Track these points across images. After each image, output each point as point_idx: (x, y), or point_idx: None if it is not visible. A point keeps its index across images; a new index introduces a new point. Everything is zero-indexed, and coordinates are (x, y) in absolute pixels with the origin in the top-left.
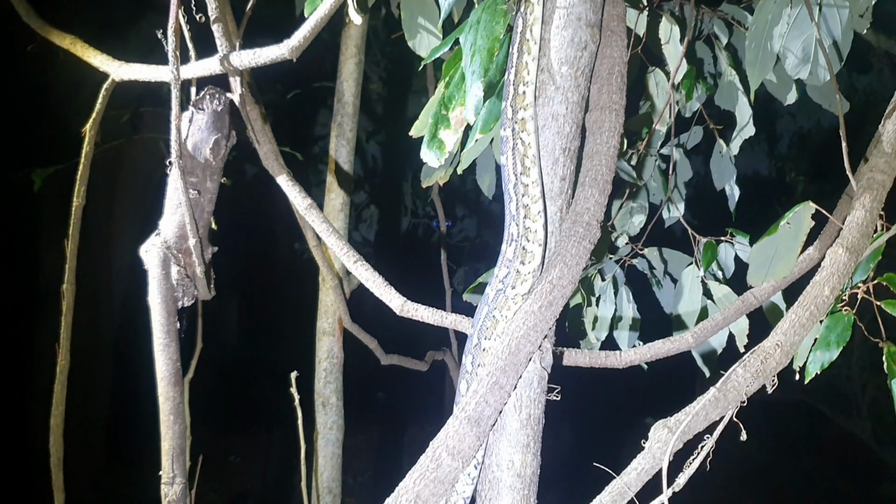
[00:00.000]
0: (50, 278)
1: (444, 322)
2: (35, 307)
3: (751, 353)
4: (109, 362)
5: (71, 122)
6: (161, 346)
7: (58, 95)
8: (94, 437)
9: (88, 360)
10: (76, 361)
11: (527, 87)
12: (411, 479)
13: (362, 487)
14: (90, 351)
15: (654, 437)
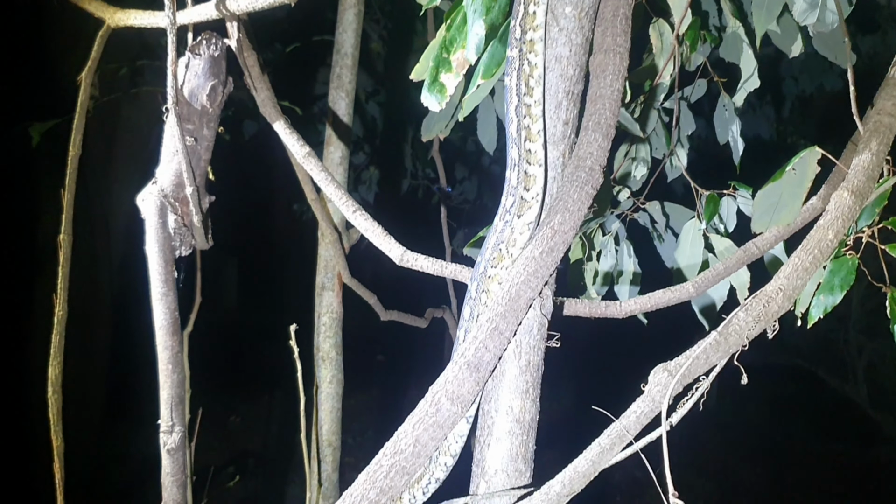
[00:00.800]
0: (48, 234)
1: (444, 272)
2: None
3: (753, 297)
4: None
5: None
6: (159, 295)
7: (55, 50)
8: (92, 391)
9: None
10: (74, 315)
11: (537, 7)
12: (410, 424)
13: (361, 447)
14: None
15: (654, 381)
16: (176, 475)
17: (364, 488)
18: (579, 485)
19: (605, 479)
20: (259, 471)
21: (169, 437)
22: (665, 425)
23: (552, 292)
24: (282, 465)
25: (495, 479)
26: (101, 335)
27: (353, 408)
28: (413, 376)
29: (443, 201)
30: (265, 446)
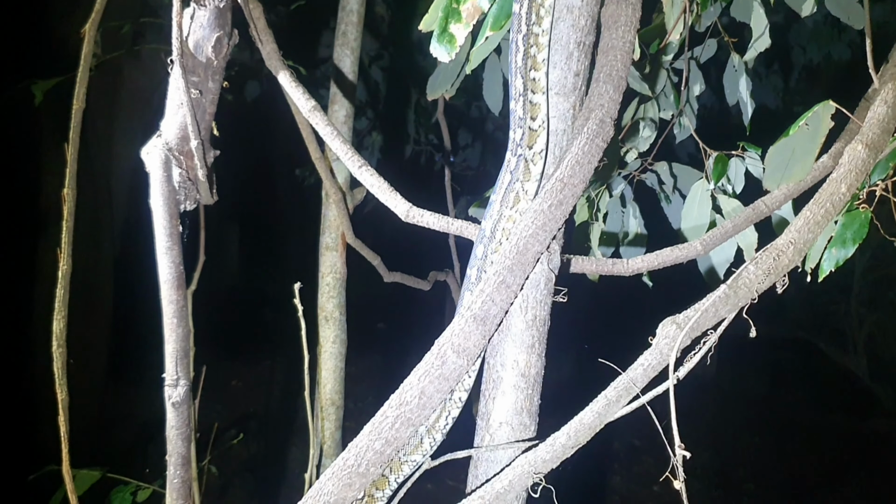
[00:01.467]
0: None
1: (450, 228)
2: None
3: (763, 251)
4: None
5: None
6: (164, 249)
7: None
8: (94, 352)
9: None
10: (76, 277)
11: None
12: (416, 376)
13: (362, 412)
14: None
15: (662, 334)
16: (181, 429)
17: (370, 439)
18: (584, 437)
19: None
20: (261, 433)
21: (174, 391)
22: (672, 378)
23: (560, 247)
24: (283, 428)
25: (500, 432)
26: (103, 297)
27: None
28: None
29: (446, 163)
30: (267, 410)
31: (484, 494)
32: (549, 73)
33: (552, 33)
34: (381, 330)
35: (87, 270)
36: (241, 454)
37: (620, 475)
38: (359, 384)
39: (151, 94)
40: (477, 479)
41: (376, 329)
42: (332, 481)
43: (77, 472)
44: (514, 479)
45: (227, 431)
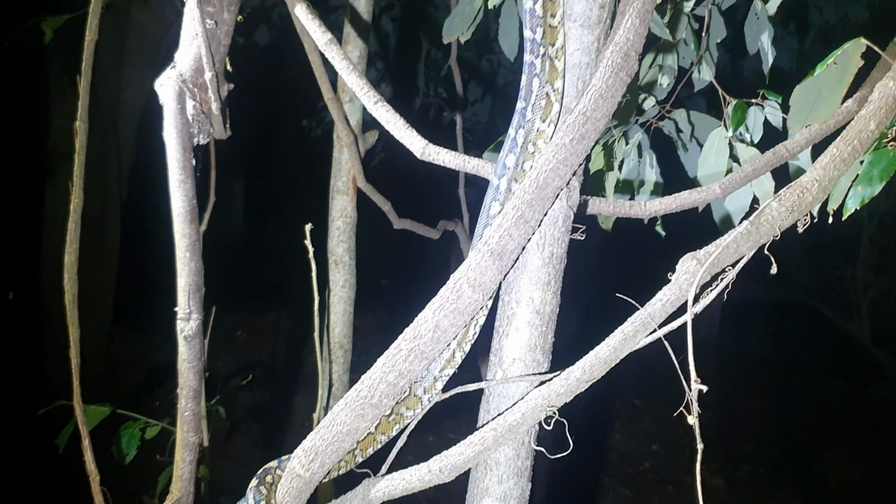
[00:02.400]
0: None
1: (467, 167)
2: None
3: (788, 188)
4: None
5: None
6: (177, 183)
7: None
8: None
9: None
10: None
11: None
12: (431, 310)
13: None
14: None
15: (682, 269)
16: (192, 362)
17: (383, 371)
18: (600, 371)
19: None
20: (266, 383)
21: (186, 325)
22: (690, 313)
23: (580, 184)
24: (289, 379)
25: (513, 368)
26: (110, 242)
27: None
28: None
29: (459, 110)
30: (272, 360)
31: (496, 427)
32: (573, 4)
33: None
34: (384, 286)
35: (94, 215)
36: (246, 402)
37: (620, 433)
38: (363, 338)
39: (160, 39)
40: (489, 413)
41: (380, 285)
42: (346, 412)
43: (87, 407)
44: (527, 412)
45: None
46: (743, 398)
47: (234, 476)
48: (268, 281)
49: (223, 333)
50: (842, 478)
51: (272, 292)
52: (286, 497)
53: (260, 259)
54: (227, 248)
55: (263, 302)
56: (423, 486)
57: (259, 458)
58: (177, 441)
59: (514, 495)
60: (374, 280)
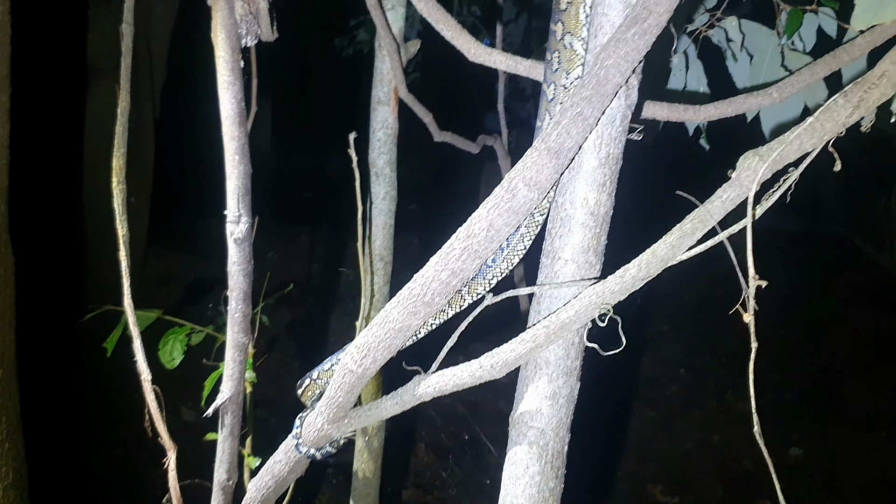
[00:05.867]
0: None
1: (518, 69)
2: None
3: (854, 84)
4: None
5: None
6: (226, 84)
7: None
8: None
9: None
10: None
11: None
12: (485, 209)
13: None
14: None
15: (744, 166)
16: (242, 265)
17: (436, 270)
18: (656, 269)
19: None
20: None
21: (236, 227)
22: (751, 212)
23: (638, 83)
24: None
25: (565, 270)
26: (144, 159)
27: None
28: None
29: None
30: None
31: (549, 324)
32: None
33: None
34: (413, 212)
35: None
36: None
37: (647, 358)
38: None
39: None
40: (539, 314)
41: (409, 210)
42: (398, 309)
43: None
44: (580, 310)
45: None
46: (771, 327)
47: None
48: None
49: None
50: (868, 408)
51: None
52: (339, 392)
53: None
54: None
55: (295, 223)
56: (473, 381)
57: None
58: (227, 341)
59: (564, 394)
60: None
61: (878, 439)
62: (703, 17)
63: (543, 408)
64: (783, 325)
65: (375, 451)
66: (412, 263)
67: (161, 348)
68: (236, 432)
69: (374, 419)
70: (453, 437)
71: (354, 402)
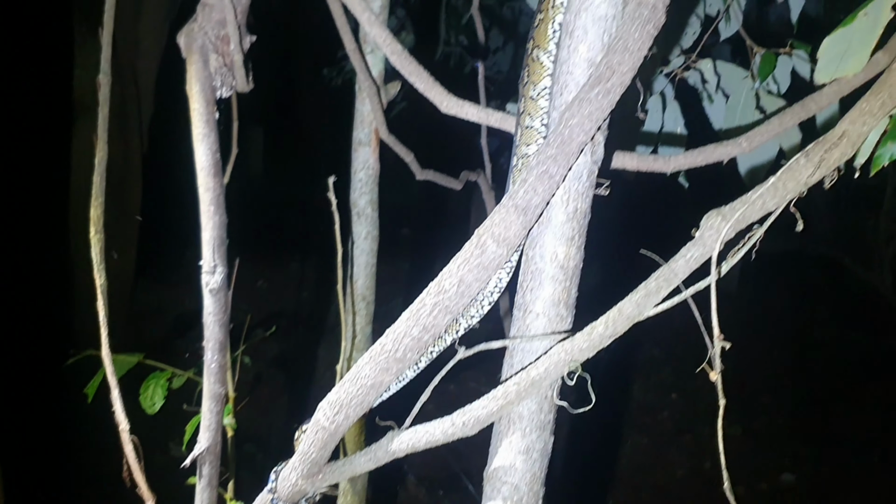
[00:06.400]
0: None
1: (490, 120)
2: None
3: (815, 143)
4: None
5: None
6: (200, 136)
7: None
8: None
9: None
10: (108, 182)
11: None
12: (455, 264)
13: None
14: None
15: (707, 225)
16: (218, 315)
17: (408, 325)
18: (623, 326)
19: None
20: (289, 333)
21: (211, 278)
22: (715, 271)
23: (604, 139)
24: (312, 328)
25: (536, 323)
26: (132, 193)
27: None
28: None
29: (481, 59)
30: (296, 310)
31: (519, 381)
32: None
33: None
34: (405, 236)
35: (116, 166)
36: (270, 350)
37: (639, 383)
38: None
39: None
40: (512, 367)
41: (401, 235)
42: (370, 365)
43: (115, 356)
44: (550, 367)
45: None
46: (762, 349)
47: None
48: (289, 231)
49: (245, 284)
50: (860, 431)
51: (294, 242)
52: (312, 448)
53: (281, 209)
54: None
55: (285, 252)
56: (446, 439)
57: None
58: (203, 391)
59: (537, 448)
60: (395, 229)
61: (870, 464)
62: (679, 58)
63: (517, 463)
64: (774, 347)
65: (360, 493)
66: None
67: (142, 393)
68: (214, 482)
69: (349, 474)
70: (443, 470)
71: (330, 455)
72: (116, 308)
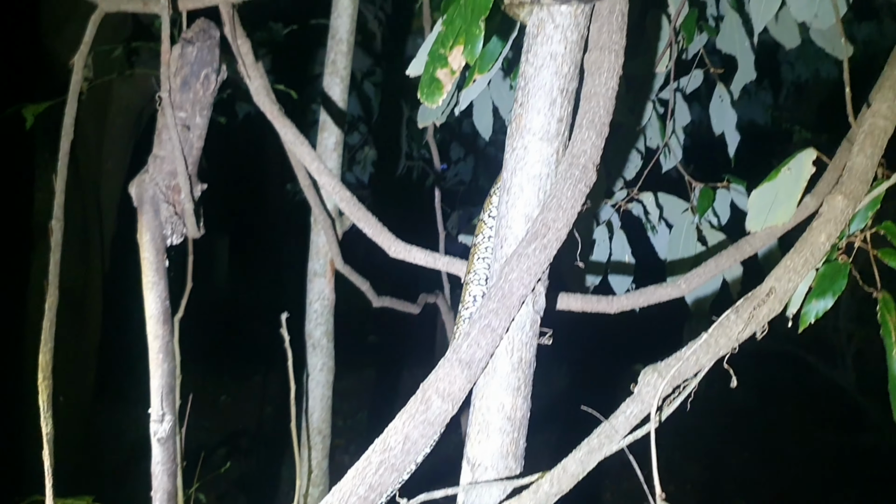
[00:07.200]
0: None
1: (437, 264)
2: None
3: (744, 300)
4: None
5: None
6: (150, 285)
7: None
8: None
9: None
10: (66, 297)
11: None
12: (401, 421)
13: (352, 429)
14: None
15: (644, 382)
16: (166, 464)
17: (353, 484)
18: (568, 484)
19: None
20: (252, 451)
21: (159, 427)
22: (654, 425)
23: (545, 289)
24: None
25: (485, 476)
26: (91, 314)
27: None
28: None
29: (437, 185)
30: (258, 427)
31: None
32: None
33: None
34: (372, 343)
35: (76, 288)
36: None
37: (611, 491)
38: (349, 400)
39: (141, 109)
40: None
41: (367, 342)
42: None
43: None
44: None
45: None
46: (731, 450)
47: None
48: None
49: (206, 399)
50: None
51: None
52: None
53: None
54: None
55: (248, 364)
56: None
57: None
58: None
59: None
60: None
61: None
62: (623, 190)
63: None
64: (744, 447)
65: None
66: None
67: None
68: None
69: None
70: None
71: None
72: (74, 432)
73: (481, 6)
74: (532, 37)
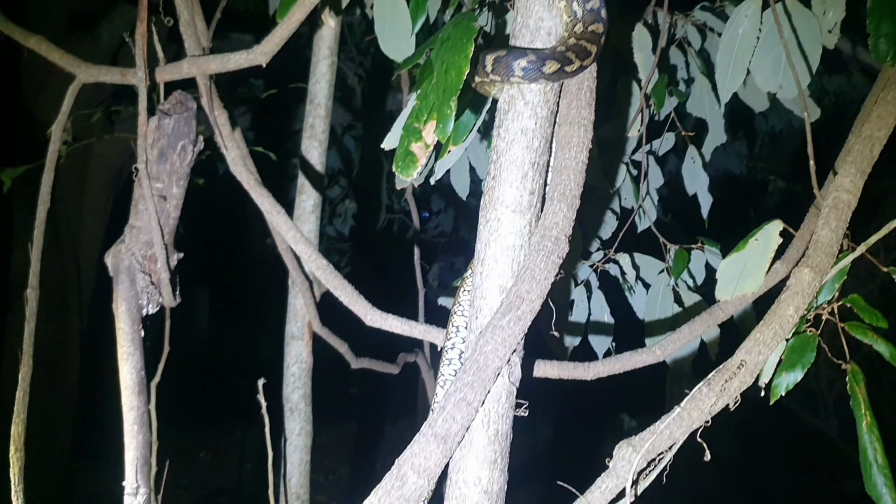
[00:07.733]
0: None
1: (413, 332)
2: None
3: (715, 372)
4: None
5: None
6: (125, 355)
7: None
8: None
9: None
10: (44, 360)
11: None
12: (376, 497)
13: (334, 485)
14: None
15: (619, 456)
16: None
17: None
18: None
19: None
20: None
21: (134, 500)
22: (629, 499)
23: (520, 359)
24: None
25: None
26: (69, 371)
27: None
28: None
29: (416, 241)
30: (237, 484)
31: None
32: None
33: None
34: (352, 395)
35: (54, 344)
36: None
37: None
38: (330, 454)
39: (121, 165)
40: None
41: (349, 394)
42: None
43: None
44: None
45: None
46: (717, 499)
47: None
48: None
49: (185, 456)
50: None
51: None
52: None
53: (225, 367)
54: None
55: (228, 419)
56: None
57: None
58: None
59: None
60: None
61: None
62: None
63: None
64: (728, 496)
65: None
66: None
67: None
68: None
69: None
70: None
71: None
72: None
73: (452, 86)
74: (503, 112)
